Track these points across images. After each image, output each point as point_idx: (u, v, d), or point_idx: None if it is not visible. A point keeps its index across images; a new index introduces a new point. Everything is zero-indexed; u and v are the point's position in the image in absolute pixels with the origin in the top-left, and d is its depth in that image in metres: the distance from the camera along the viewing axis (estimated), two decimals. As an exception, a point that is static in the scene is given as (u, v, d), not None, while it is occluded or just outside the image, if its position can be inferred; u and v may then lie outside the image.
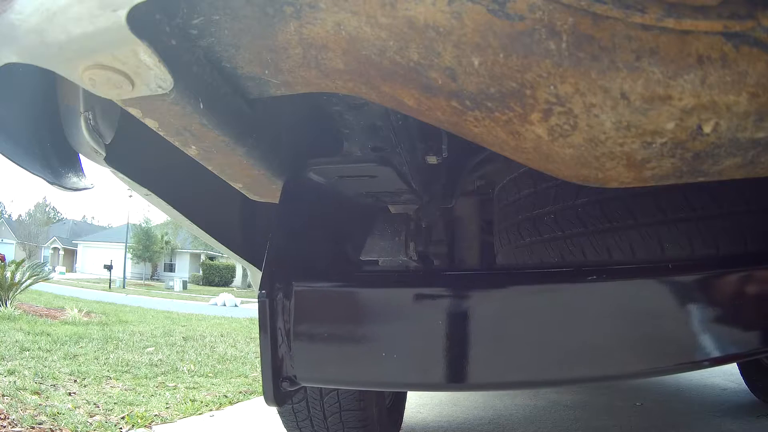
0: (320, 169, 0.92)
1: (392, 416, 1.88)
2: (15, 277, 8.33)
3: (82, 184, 0.87)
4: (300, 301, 0.86)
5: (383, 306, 0.86)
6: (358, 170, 0.92)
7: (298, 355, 0.85)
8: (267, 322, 0.84)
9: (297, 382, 0.86)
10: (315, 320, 0.86)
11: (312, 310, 0.86)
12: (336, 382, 0.97)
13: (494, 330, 0.81)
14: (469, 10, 0.48)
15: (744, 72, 0.46)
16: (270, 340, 0.84)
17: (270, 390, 0.83)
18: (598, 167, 0.60)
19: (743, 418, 2.27)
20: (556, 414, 2.43)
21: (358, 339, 0.85)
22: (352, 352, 0.85)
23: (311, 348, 0.86)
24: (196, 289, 34.76)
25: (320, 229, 1.05)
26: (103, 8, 0.47)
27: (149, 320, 9.20)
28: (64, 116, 0.81)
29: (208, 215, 1.12)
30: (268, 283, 0.84)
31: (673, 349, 0.77)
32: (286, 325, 0.85)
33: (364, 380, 0.89)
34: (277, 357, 0.84)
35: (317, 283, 0.88)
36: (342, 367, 0.86)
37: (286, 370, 0.85)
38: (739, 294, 0.79)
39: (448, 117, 0.62)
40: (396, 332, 0.83)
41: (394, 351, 0.82)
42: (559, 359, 0.79)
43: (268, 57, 0.62)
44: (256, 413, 2.75)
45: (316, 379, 0.90)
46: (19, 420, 2.29)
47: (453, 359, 0.80)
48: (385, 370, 0.83)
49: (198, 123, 0.67)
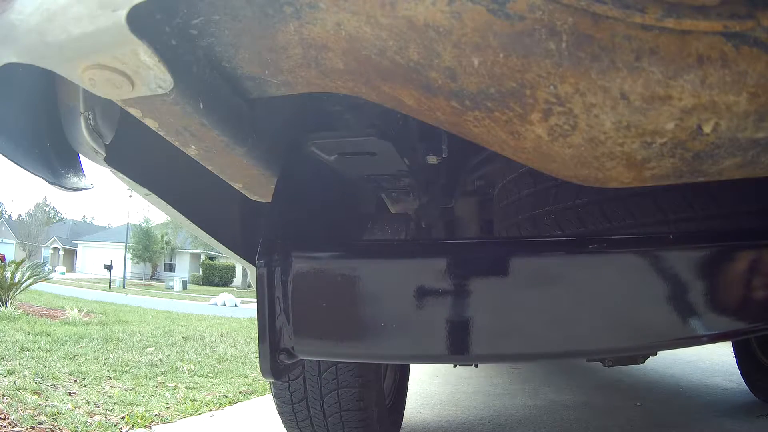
0: (321, 143, 0.91)
1: (392, 416, 1.88)
2: (15, 277, 8.33)
3: (82, 184, 0.87)
4: (299, 271, 0.84)
5: (382, 276, 0.84)
6: (358, 146, 0.90)
7: (297, 326, 0.83)
8: (264, 293, 0.82)
9: (295, 354, 0.84)
10: (313, 291, 0.84)
11: (311, 280, 0.85)
12: (334, 354, 0.95)
13: (494, 300, 0.80)
14: (468, 10, 0.48)
15: (744, 72, 0.46)
16: (267, 311, 0.82)
17: (267, 363, 0.82)
18: (598, 167, 0.60)
19: (743, 418, 2.27)
20: (556, 414, 2.43)
21: (357, 310, 0.83)
22: (350, 324, 0.84)
23: (309, 319, 0.84)
24: (196, 289, 34.76)
25: (320, 203, 1.05)
26: (103, 8, 0.47)
27: (149, 320, 9.20)
28: (64, 116, 0.81)
29: (208, 215, 1.12)
30: (267, 253, 0.83)
31: (671, 324, 0.77)
32: (285, 296, 0.84)
33: (363, 352, 0.88)
34: (275, 328, 0.83)
35: (316, 253, 0.86)
36: (340, 339, 0.84)
37: (284, 341, 0.84)
38: (739, 269, 0.79)
39: (448, 117, 0.62)
40: (395, 303, 0.82)
41: (393, 321, 0.81)
42: (560, 332, 0.78)
43: (268, 57, 0.62)
44: (256, 413, 2.75)
45: (314, 352, 0.89)
46: (19, 420, 2.29)
47: (452, 330, 0.80)
48: (384, 342, 0.82)
49: (198, 123, 0.67)
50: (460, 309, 0.80)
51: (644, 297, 0.77)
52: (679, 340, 0.79)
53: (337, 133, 0.90)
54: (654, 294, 0.76)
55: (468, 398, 2.84)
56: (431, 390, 3.08)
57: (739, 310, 0.78)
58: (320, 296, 0.84)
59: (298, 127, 0.93)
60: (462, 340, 0.80)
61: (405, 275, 0.84)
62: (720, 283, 0.77)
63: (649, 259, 0.77)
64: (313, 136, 0.90)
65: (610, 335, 0.78)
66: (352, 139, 0.90)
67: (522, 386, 3.15)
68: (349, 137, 0.90)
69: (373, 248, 0.94)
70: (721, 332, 0.78)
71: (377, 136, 0.89)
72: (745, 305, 0.77)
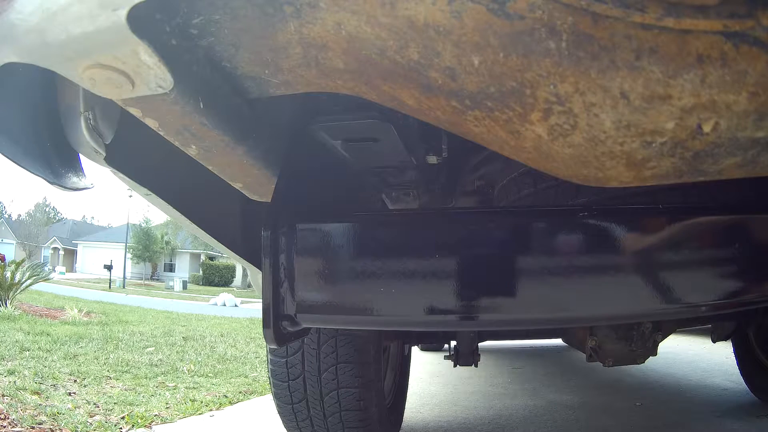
0: (326, 126, 0.93)
1: (392, 416, 1.88)
2: (15, 277, 8.33)
3: (82, 184, 0.87)
4: (303, 240, 0.87)
5: (382, 244, 0.88)
6: (361, 129, 0.92)
7: (299, 294, 0.87)
8: (269, 262, 0.85)
9: (297, 321, 0.88)
10: (316, 258, 0.88)
11: (314, 248, 0.88)
12: (335, 321, 0.99)
13: (494, 267, 0.84)
14: (468, 10, 0.48)
15: (744, 71, 0.46)
16: (272, 280, 0.85)
17: (270, 330, 0.85)
18: (598, 167, 0.60)
19: (743, 418, 2.27)
20: (556, 414, 2.43)
21: (357, 277, 0.86)
22: (351, 291, 0.87)
23: (312, 287, 0.87)
24: (196, 289, 34.76)
25: (324, 181, 1.08)
26: (104, 8, 0.47)
27: (149, 320, 9.20)
28: (64, 116, 0.81)
29: (208, 215, 1.12)
30: (272, 223, 0.86)
31: (671, 292, 0.81)
32: (289, 265, 0.87)
33: (363, 319, 0.91)
34: (278, 295, 0.86)
35: (320, 223, 0.90)
36: (341, 306, 0.87)
37: (287, 308, 0.87)
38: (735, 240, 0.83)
39: (448, 116, 0.62)
40: (394, 269, 0.85)
41: (392, 287, 0.84)
42: (563, 298, 0.82)
43: (268, 56, 0.62)
44: (256, 413, 2.75)
45: (316, 319, 0.91)
46: (19, 420, 2.29)
47: (451, 297, 0.83)
48: (384, 308, 0.85)
49: (198, 123, 0.67)
50: (461, 275, 0.84)
51: (640, 267, 0.82)
52: (680, 309, 0.83)
53: (342, 116, 0.92)
54: (646, 264, 0.82)
55: (468, 398, 2.84)
56: (431, 390, 3.08)
57: (734, 282, 0.83)
58: (322, 265, 0.87)
59: (298, 126, 0.93)
60: (459, 307, 0.84)
61: (404, 242, 0.87)
62: (715, 254, 0.83)
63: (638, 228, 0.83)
64: (320, 119, 0.92)
65: (613, 302, 0.82)
66: (356, 121, 0.91)
67: (522, 386, 3.15)
68: (353, 120, 0.92)
69: (373, 218, 0.97)
70: (718, 302, 0.83)
71: (380, 119, 0.91)
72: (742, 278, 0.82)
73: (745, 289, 0.83)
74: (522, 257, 0.84)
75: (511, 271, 0.84)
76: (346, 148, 0.98)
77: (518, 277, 0.83)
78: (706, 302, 0.82)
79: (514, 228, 0.86)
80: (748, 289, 0.83)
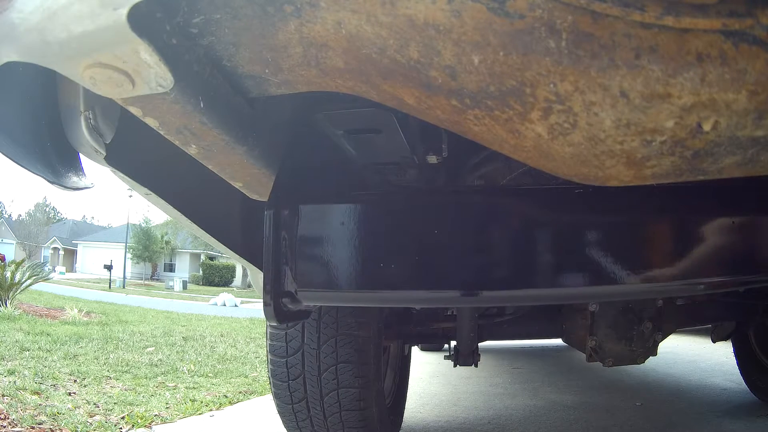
0: (329, 114, 0.94)
1: (392, 416, 1.88)
2: (15, 277, 8.33)
3: (82, 184, 0.87)
4: (303, 218, 0.89)
5: (382, 222, 0.89)
6: (363, 119, 0.93)
7: (299, 271, 0.88)
8: (271, 239, 0.87)
9: (297, 299, 0.89)
10: (317, 236, 0.89)
11: (315, 226, 0.90)
12: (335, 299, 1.00)
13: (493, 244, 0.86)
14: (468, 9, 0.48)
15: (743, 70, 0.46)
16: (273, 257, 0.87)
17: (271, 306, 0.87)
18: (597, 165, 0.60)
19: (743, 418, 2.27)
20: (556, 414, 2.43)
21: (357, 254, 0.88)
22: (351, 268, 0.88)
23: (312, 264, 0.89)
24: (196, 289, 34.76)
25: (325, 176, 1.09)
26: (104, 7, 0.47)
27: (149, 320, 9.20)
28: (64, 115, 0.81)
29: (208, 215, 1.12)
30: (275, 202, 0.88)
31: (670, 267, 0.83)
32: (290, 242, 0.88)
33: (362, 296, 0.92)
34: (280, 272, 0.88)
35: (320, 203, 0.92)
36: (340, 283, 0.89)
37: (287, 285, 0.88)
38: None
39: (449, 115, 0.62)
40: (392, 246, 0.87)
41: (391, 262, 0.86)
42: (564, 272, 0.84)
43: (269, 56, 0.62)
44: (256, 413, 2.75)
45: (316, 297, 0.93)
46: (19, 420, 2.29)
47: (450, 273, 0.85)
48: (384, 285, 0.87)
49: (198, 122, 0.67)
50: (459, 252, 0.85)
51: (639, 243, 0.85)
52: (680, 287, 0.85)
53: (344, 104, 0.92)
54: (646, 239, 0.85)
55: (468, 398, 2.84)
56: (431, 390, 3.08)
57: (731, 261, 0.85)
58: (322, 243, 0.89)
59: (300, 118, 0.94)
60: (459, 283, 0.85)
61: (402, 217, 0.89)
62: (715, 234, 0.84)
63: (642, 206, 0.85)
64: (322, 107, 0.93)
65: (613, 277, 0.83)
66: (358, 109, 0.92)
67: (522, 386, 3.15)
68: (355, 108, 0.93)
69: (371, 196, 0.98)
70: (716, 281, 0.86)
71: (382, 108, 0.92)
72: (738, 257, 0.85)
73: (743, 267, 0.85)
74: (522, 234, 0.86)
75: (510, 248, 0.86)
76: (349, 141, 0.98)
77: (517, 254, 0.85)
78: (704, 281, 0.84)
79: (515, 205, 0.88)
80: (745, 268, 0.85)
